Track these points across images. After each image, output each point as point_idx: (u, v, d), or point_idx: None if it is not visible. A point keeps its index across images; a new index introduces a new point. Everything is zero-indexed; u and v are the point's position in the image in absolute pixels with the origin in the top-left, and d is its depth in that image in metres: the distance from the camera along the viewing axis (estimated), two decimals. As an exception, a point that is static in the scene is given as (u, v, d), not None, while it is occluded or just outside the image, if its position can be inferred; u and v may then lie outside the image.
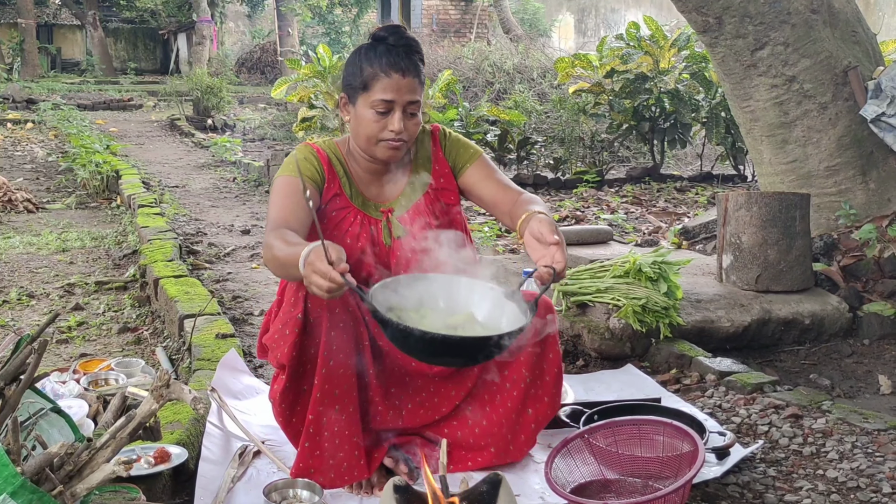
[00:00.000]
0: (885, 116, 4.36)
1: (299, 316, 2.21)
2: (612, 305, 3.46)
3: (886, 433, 2.69)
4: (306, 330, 2.23)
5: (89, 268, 5.19)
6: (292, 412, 2.31)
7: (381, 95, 2.29)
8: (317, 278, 1.92)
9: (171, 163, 9.77)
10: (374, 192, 2.47)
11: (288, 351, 2.23)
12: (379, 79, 2.29)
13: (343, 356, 2.25)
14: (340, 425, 2.27)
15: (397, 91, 2.29)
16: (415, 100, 2.33)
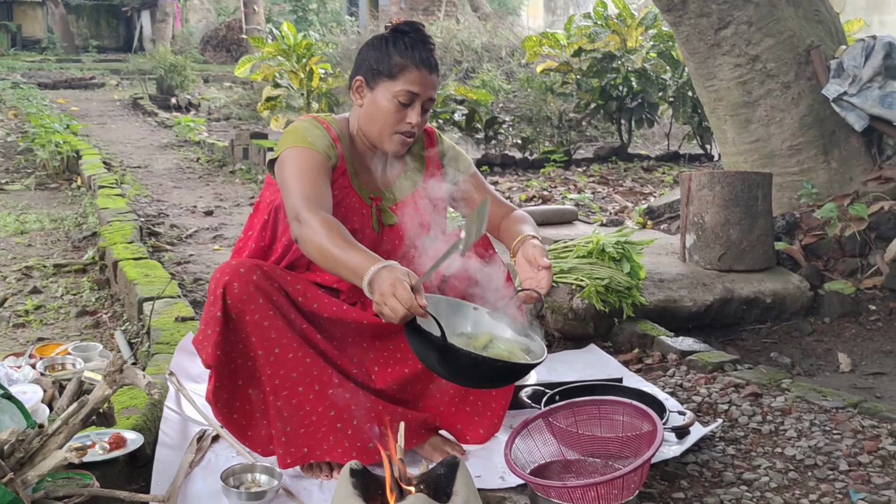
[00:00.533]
0: (847, 96, 4.38)
1: (218, 315, 2.17)
2: (576, 286, 3.45)
3: (844, 411, 2.72)
4: (230, 327, 2.19)
5: (48, 250, 5.10)
6: (231, 409, 2.28)
7: (408, 87, 2.27)
8: (395, 303, 1.89)
9: (134, 143, 9.63)
10: (367, 178, 2.44)
11: (212, 351, 2.19)
12: (409, 70, 2.28)
13: (287, 341, 2.22)
14: (311, 404, 2.25)
15: (423, 85, 2.29)
16: (433, 97, 2.35)
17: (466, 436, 2.45)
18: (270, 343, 2.21)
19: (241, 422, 2.29)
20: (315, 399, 2.26)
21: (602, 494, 2.03)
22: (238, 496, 2.13)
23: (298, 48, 7.44)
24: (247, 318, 2.19)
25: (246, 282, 2.19)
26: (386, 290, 1.92)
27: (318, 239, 2.09)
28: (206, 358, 2.23)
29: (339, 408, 2.28)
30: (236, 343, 2.22)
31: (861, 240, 4.18)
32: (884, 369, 3.39)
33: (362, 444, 2.28)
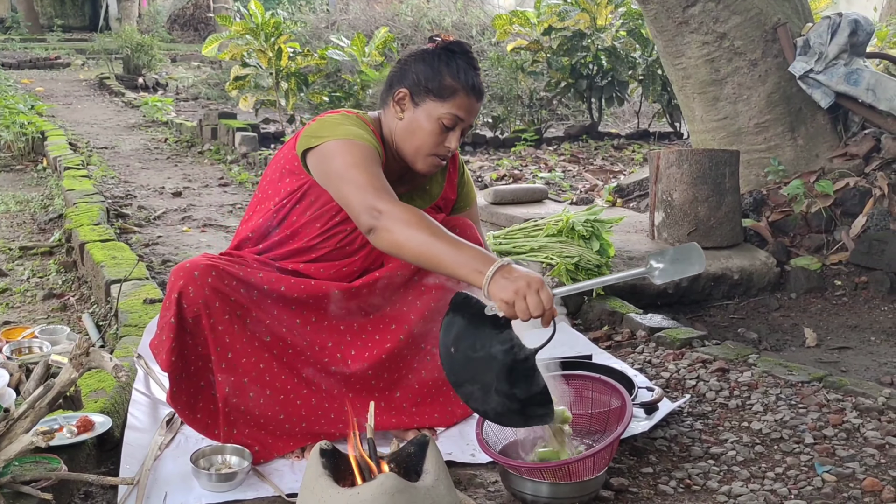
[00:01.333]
0: (813, 73, 4.42)
1: (172, 321, 2.14)
2: (546, 264, 3.47)
3: (810, 385, 2.75)
4: (186, 330, 2.17)
5: (13, 233, 5.03)
6: (193, 409, 2.25)
7: (455, 111, 2.25)
8: (537, 300, 1.89)
9: (100, 123, 9.50)
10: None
11: (166, 357, 2.16)
12: (459, 95, 2.25)
13: (240, 346, 2.20)
14: (261, 409, 2.24)
15: (470, 112, 2.27)
16: (472, 123, 2.34)
17: (444, 420, 2.44)
18: (224, 348, 2.19)
19: (205, 421, 2.26)
20: (265, 403, 2.25)
21: (573, 472, 2.04)
22: (208, 478, 2.13)
23: (266, 27, 7.36)
24: (203, 323, 2.16)
25: (201, 285, 2.15)
26: (532, 284, 1.90)
27: (414, 231, 2.02)
28: (161, 363, 2.20)
29: (289, 411, 2.27)
30: (194, 346, 2.19)
31: (827, 216, 4.23)
32: (849, 344, 3.44)
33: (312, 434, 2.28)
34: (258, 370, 2.23)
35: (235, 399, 2.22)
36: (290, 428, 2.28)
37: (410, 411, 2.41)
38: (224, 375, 2.20)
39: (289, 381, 2.28)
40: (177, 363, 2.18)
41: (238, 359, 2.21)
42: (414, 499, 1.69)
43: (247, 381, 2.23)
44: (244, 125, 7.78)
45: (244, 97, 7.66)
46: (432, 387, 2.41)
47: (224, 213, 5.39)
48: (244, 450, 2.23)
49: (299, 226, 2.35)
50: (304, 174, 2.31)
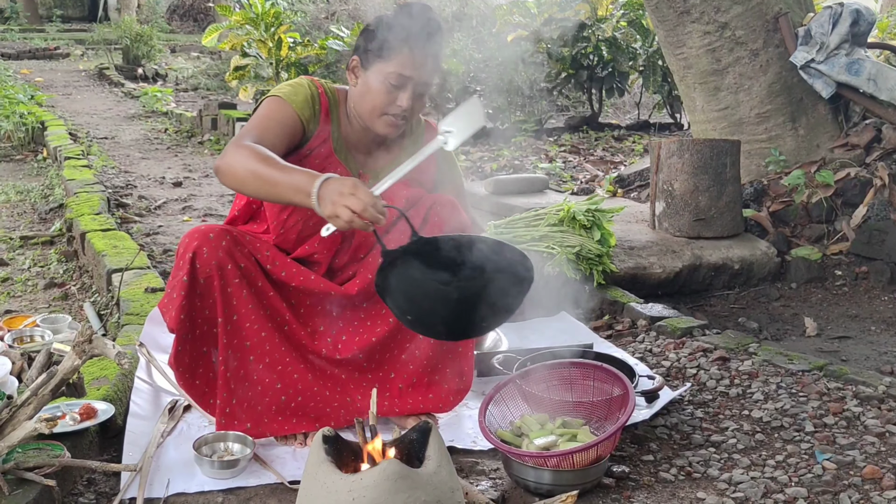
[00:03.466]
0: (815, 63, 4.41)
1: (185, 279, 2.17)
2: (547, 254, 3.47)
3: (810, 374, 2.76)
4: (197, 292, 2.19)
5: (14, 222, 5.03)
6: (193, 375, 2.28)
7: (399, 69, 2.24)
8: (354, 201, 1.91)
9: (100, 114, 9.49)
10: (358, 155, 2.43)
11: (175, 315, 2.19)
12: (402, 52, 2.24)
13: (246, 310, 2.23)
14: (260, 374, 2.27)
15: (415, 69, 2.25)
16: (428, 82, 2.30)
17: (439, 403, 2.45)
18: (230, 310, 2.22)
19: (203, 388, 2.30)
20: (264, 370, 2.27)
21: (577, 461, 2.05)
22: (211, 465, 2.13)
23: (266, 17, 7.35)
24: (214, 284, 2.19)
25: (215, 247, 2.19)
26: (344, 191, 1.93)
27: (250, 163, 2.07)
28: (169, 322, 2.24)
29: (286, 382, 2.29)
30: (202, 309, 2.22)
31: (827, 206, 4.24)
32: (849, 333, 3.45)
33: (304, 414, 2.31)
34: (260, 337, 2.26)
35: (236, 363, 2.24)
36: (285, 401, 2.30)
37: (407, 392, 2.41)
38: (228, 338, 2.23)
39: (287, 354, 2.30)
40: (185, 322, 2.21)
41: (243, 322, 2.24)
42: (416, 485, 1.70)
43: (248, 344, 2.25)
44: (244, 115, 7.77)
45: (244, 87, 7.65)
46: (427, 366, 2.42)
47: (224, 203, 5.39)
48: (246, 437, 2.24)
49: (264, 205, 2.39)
50: None
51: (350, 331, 2.40)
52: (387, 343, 2.40)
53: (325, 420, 2.32)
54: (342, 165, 2.36)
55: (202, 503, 2.05)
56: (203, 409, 2.33)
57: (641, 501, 2.06)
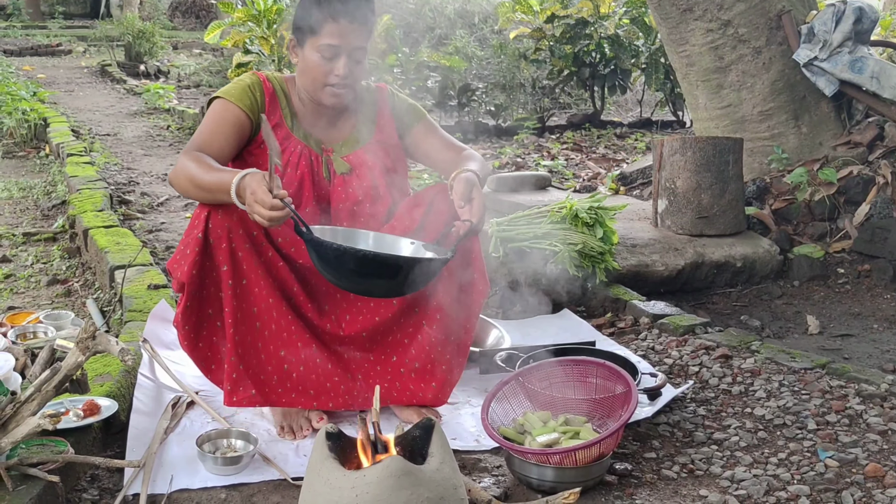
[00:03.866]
0: (818, 60, 4.41)
1: (199, 235, 2.22)
2: (549, 251, 3.47)
3: (812, 372, 2.76)
4: (207, 251, 2.23)
5: (17, 219, 5.03)
6: (197, 336, 2.31)
7: (328, 40, 2.30)
8: (259, 207, 2.00)
9: (102, 110, 9.48)
10: (317, 132, 2.48)
11: (188, 269, 2.22)
12: (327, 23, 2.30)
13: (256, 276, 2.27)
14: (264, 342, 2.30)
15: (343, 37, 2.30)
16: (361, 46, 2.34)
17: (438, 394, 2.44)
18: (239, 274, 2.26)
19: (206, 352, 2.33)
20: (269, 337, 2.31)
21: (580, 459, 2.05)
22: (214, 461, 2.14)
23: (269, 13, 7.33)
24: (223, 246, 2.23)
25: (229, 212, 2.23)
26: (249, 199, 2.03)
27: (187, 170, 2.19)
28: (180, 276, 2.25)
29: (290, 351, 2.33)
30: (211, 270, 2.25)
31: (830, 204, 4.23)
32: (851, 331, 3.45)
33: (304, 389, 2.34)
34: (267, 304, 2.29)
35: (244, 327, 2.27)
36: (288, 370, 2.33)
37: (408, 377, 2.42)
38: (237, 301, 2.26)
39: (293, 323, 2.34)
40: (196, 278, 2.24)
41: (252, 287, 2.27)
42: (419, 481, 1.70)
43: (256, 310, 2.29)
44: (246, 112, 7.76)
45: (249, 82, 7.62)
46: (430, 352, 2.43)
47: (227, 200, 5.38)
48: (249, 433, 2.25)
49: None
50: None
51: (354, 311, 2.44)
52: (390, 326, 2.43)
53: (324, 400, 2.36)
54: (302, 143, 2.43)
55: (205, 499, 2.05)
56: (204, 373, 2.36)
57: (644, 499, 2.07)
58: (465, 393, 2.64)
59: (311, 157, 2.43)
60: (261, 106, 2.40)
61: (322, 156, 2.45)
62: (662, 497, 2.08)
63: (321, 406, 2.36)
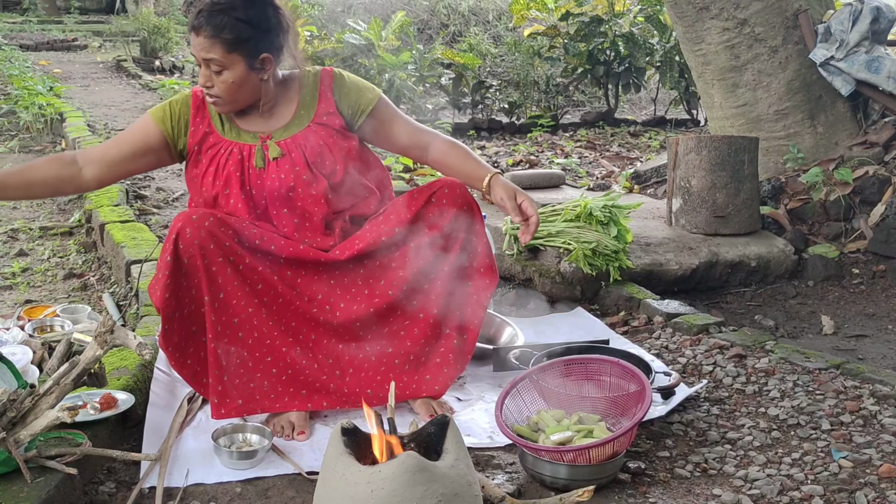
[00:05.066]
0: (834, 60, 4.39)
1: (168, 259, 2.25)
2: (563, 249, 3.47)
3: (827, 372, 2.76)
4: (182, 272, 2.26)
5: (33, 213, 5.07)
6: (183, 355, 2.33)
7: (194, 53, 2.41)
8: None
9: (118, 105, 9.52)
10: (257, 125, 2.51)
11: (160, 294, 2.26)
12: (191, 35, 2.40)
13: (232, 287, 2.30)
14: (249, 350, 2.32)
15: (195, 47, 2.39)
16: (209, 56, 2.37)
17: (435, 385, 2.46)
18: (216, 288, 2.28)
19: (195, 368, 2.35)
20: (253, 345, 2.33)
21: (593, 457, 2.06)
22: (229, 455, 2.15)
23: (283, 10, 7.35)
24: (197, 263, 2.26)
25: (198, 227, 2.26)
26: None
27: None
28: (155, 302, 2.29)
29: (275, 356, 2.35)
30: (188, 289, 2.28)
31: (845, 204, 4.22)
32: (866, 331, 3.44)
33: (296, 391, 2.35)
34: (247, 314, 2.32)
35: (226, 339, 2.30)
36: (276, 374, 2.34)
37: (403, 369, 2.43)
38: (216, 316, 2.29)
39: (276, 328, 2.36)
40: (170, 301, 2.26)
41: (229, 300, 2.30)
42: (434, 477, 1.71)
43: (237, 321, 2.31)
44: (261, 108, 7.78)
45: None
46: (425, 345, 2.45)
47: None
48: (265, 428, 2.26)
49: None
50: None
51: (348, 297, 2.44)
52: (386, 316, 2.44)
53: (318, 398, 2.37)
54: (236, 143, 2.47)
55: (221, 493, 2.07)
56: (196, 388, 2.38)
57: (657, 497, 2.07)
58: (479, 389, 2.66)
59: (241, 153, 2.46)
60: (185, 122, 2.48)
61: (257, 144, 2.47)
62: (676, 496, 2.08)
63: (315, 406, 2.38)
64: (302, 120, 2.52)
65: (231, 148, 2.46)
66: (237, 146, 2.47)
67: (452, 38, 11.40)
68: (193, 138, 2.48)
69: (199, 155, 2.48)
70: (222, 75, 2.38)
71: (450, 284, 2.44)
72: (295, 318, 2.39)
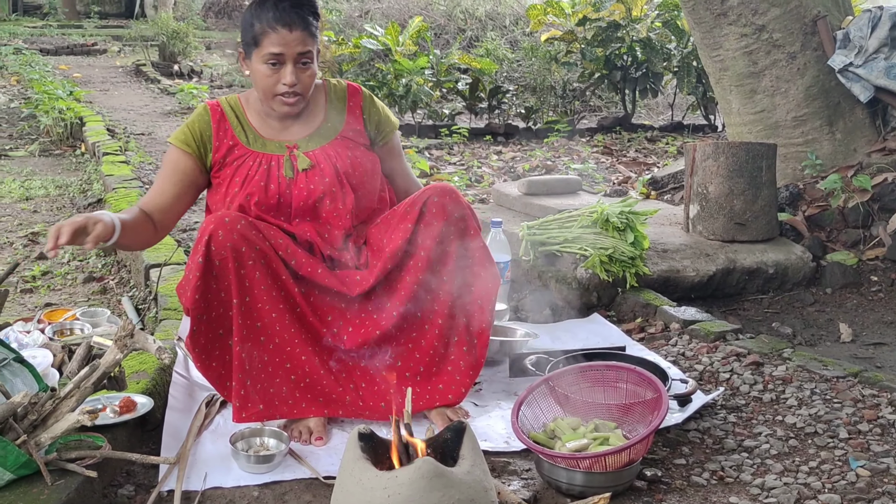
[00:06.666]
0: (853, 66, 4.37)
1: (200, 261, 2.27)
2: (580, 255, 3.48)
3: (845, 380, 2.75)
4: (213, 273, 2.28)
5: (53, 216, 5.12)
6: (209, 356, 2.35)
7: (270, 49, 2.37)
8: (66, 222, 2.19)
9: (137, 110, 9.59)
10: (283, 134, 2.53)
11: (191, 295, 2.28)
12: (267, 34, 2.37)
13: (259, 291, 2.31)
14: (270, 355, 2.34)
15: (285, 45, 2.36)
16: (305, 51, 2.39)
17: (448, 394, 2.46)
18: (244, 291, 2.30)
19: (219, 370, 2.36)
20: (274, 351, 2.35)
21: (610, 463, 2.06)
22: (247, 459, 2.17)
23: (302, 15, 7.38)
24: (229, 266, 2.28)
25: (230, 230, 2.28)
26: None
27: None
28: (185, 303, 2.33)
29: (294, 363, 2.36)
30: (218, 291, 2.30)
31: (864, 211, 4.20)
32: (884, 339, 3.42)
33: (314, 397, 2.37)
34: (271, 318, 2.34)
35: (250, 343, 2.31)
36: (295, 380, 2.36)
37: (414, 381, 2.43)
38: (242, 319, 2.30)
39: (297, 336, 2.37)
40: (200, 303, 2.29)
41: (255, 303, 2.32)
42: (450, 483, 1.72)
43: (260, 325, 2.33)
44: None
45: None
46: (434, 356, 2.46)
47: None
48: (282, 433, 2.28)
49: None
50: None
51: (357, 323, 2.45)
52: (392, 334, 2.45)
53: (334, 407, 2.39)
54: (260, 153, 2.48)
55: (238, 497, 2.09)
56: (219, 391, 2.40)
57: (673, 505, 2.07)
58: (496, 395, 2.66)
59: (269, 163, 2.47)
60: (208, 137, 2.48)
61: (285, 154, 2.48)
62: (692, 503, 2.08)
63: (332, 413, 2.39)
64: (328, 132, 2.54)
65: (259, 159, 2.47)
66: (264, 157, 2.48)
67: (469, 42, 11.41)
68: (218, 153, 2.49)
69: (222, 167, 2.49)
70: (309, 69, 2.42)
71: (452, 293, 2.45)
72: (310, 331, 2.41)
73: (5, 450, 1.87)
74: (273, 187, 2.44)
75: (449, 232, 2.42)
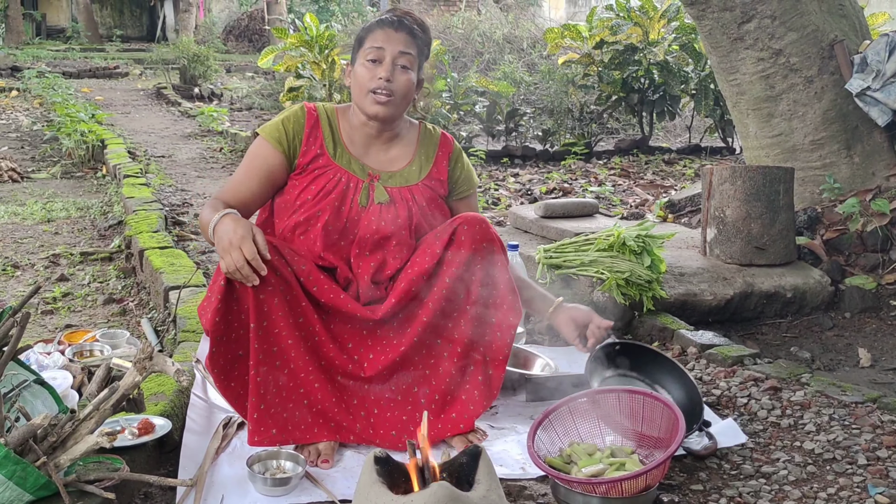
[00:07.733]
0: (871, 90, 4.36)
1: (222, 283, 2.29)
2: (596, 279, 3.48)
3: (864, 405, 2.73)
4: (234, 296, 2.30)
5: (74, 238, 5.17)
6: (228, 377, 2.37)
7: (371, 44, 2.42)
8: (238, 255, 2.17)
9: (158, 132, 9.70)
10: (368, 159, 2.53)
11: (211, 317, 2.30)
12: (372, 31, 2.45)
13: (276, 317, 2.32)
14: (285, 380, 2.35)
15: (387, 41, 2.42)
16: (406, 51, 2.43)
17: (460, 423, 2.46)
18: (262, 315, 2.31)
19: (238, 391, 2.38)
20: (289, 374, 2.36)
21: (626, 489, 2.06)
22: (263, 482, 2.18)
23: (321, 39, 7.46)
24: (248, 289, 2.29)
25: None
26: (234, 240, 2.19)
27: (202, 215, 2.39)
28: (205, 324, 2.34)
29: (308, 389, 2.38)
30: (238, 313, 2.33)
31: (883, 235, 4.18)
32: (904, 365, 3.39)
33: (325, 422, 2.37)
34: (286, 344, 2.35)
35: (265, 367, 2.33)
36: (308, 405, 2.37)
37: (430, 409, 2.43)
38: (259, 343, 2.32)
39: (310, 364, 2.38)
40: (220, 325, 2.31)
41: (272, 328, 2.33)
42: (466, 508, 1.72)
43: (276, 350, 2.34)
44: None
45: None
46: (451, 383, 2.46)
47: (277, 223, 5.46)
48: (298, 455, 2.29)
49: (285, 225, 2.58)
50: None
51: (377, 350, 2.46)
52: (412, 358, 2.46)
53: (346, 433, 2.39)
54: (343, 170, 2.48)
55: (255, 520, 2.09)
56: (237, 411, 2.42)
57: (690, 531, 2.06)
58: (512, 420, 2.66)
59: (348, 184, 2.47)
60: (298, 139, 2.47)
61: (365, 181, 2.49)
62: (709, 530, 2.07)
63: (343, 439, 2.40)
64: (412, 175, 2.55)
65: (339, 175, 2.47)
66: (346, 174, 2.48)
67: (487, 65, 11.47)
68: (305, 158, 2.48)
69: (303, 171, 2.48)
70: (406, 74, 2.45)
71: (473, 322, 2.45)
72: (326, 359, 2.42)
73: (25, 471, 1.89)
74: (345, 209, 2.45)
75: (475, 260, 2.43)
